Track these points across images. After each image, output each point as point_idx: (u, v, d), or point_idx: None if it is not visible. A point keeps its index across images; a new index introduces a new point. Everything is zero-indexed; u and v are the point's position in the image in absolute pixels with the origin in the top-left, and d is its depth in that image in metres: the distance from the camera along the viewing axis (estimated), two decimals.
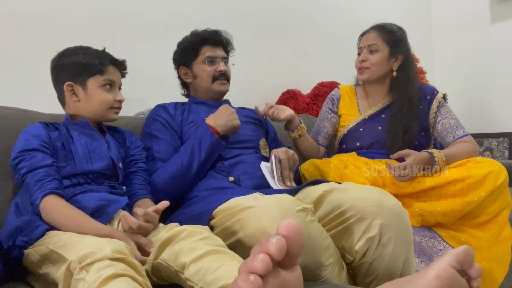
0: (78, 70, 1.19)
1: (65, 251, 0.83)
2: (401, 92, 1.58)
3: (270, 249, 0.42)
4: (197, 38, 1.49)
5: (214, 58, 1.47)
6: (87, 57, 1.20)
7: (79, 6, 1.77)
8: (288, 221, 0.43)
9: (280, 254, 0.42)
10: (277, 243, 0.42)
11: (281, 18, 2.43)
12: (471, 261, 0.52)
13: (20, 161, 1.06)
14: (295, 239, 0.43)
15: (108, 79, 1.21)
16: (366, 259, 1.02)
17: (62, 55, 1.22)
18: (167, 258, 0.88)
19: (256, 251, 0.43)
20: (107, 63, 1.22)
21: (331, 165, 1.45)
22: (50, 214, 0.98)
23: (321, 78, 2.41)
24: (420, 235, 1.35)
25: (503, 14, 2.67)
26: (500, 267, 1.35)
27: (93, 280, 0.71)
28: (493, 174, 1.33)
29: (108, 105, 1.22)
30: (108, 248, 0.76)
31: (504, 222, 1.38)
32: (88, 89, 1.20)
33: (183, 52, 1.52)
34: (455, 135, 1.53)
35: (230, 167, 1.33)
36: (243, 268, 0.43)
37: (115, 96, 1.23)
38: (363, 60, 1.60)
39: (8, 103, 1.36)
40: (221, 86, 1.49)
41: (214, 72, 1.47)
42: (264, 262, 0.42)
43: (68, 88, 1.20)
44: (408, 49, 1.63)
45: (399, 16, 2.81)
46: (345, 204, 1.04)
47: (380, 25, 1.64)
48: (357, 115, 1.67)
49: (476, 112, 2.78)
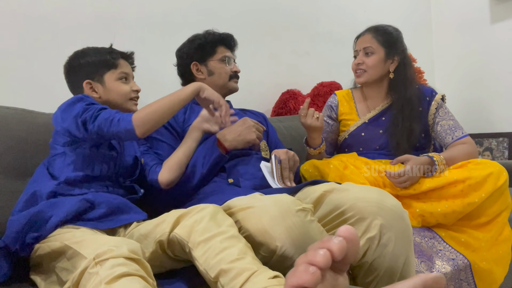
0: (94, 68, 1.25)
1: (81, 247, 0.84)
2: (400, 94, 1.57)
3: (332, 247, 0.42)
4: (214, 37, 1.53)
5: (230, 58, 1.53)
6: (99, 54, 1.26)
7: (79, 6, 1.77)
8: (347, 227, 0.44)
9: (341, 253, 0.42)
10: (339, 242, 0.43)
11: (281, 18, 2.43)
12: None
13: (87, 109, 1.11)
14: (353, 244, 0.44)
15: (123, 72, 1.27)
16: (366, 259, 1.02)
17: (74, 57, 1.27)
18: (181, 233, 0.90)
19: (316, 247, 0.43)
20: (118, 57, 1.28)
21: (331, 166, 1.45)
22: (145, 111, 1.09)
23: (321, 78, 2.41)
24: (420, 236, 1.35)
25: (503, 14, 2.67)
26: (500, 267, 1.35)
27: (106, 275, 0.72)
28: (493, 175, 1.33)
29: (127, 96, 1.27)
30: (125, 248, 0.77)
31: (504, 222, 1.38)
32: (106, 84, 1.25)
33: (199, 48, 1.52)
34: (453, 137, 1.53)
35: (230, 169, 1.33)
36: (302, 259, 0.43)
37: (132, 87, 1.29)
38: (359, 63, 1.60)
39: (8, 103, 1.36)
40: (236, 84, 1.56)
41: (231, 71, 1.52)
42: (326, 256, 0.42)
43: (87, 86, 1.24)
44: (405, 49, 1.62)
45: (399, 16, 2.82)
46: (345, 204, 1.04)
47: (375, 26, 1.63)
48: (357, 119, 1.66)
49: (476, 112, 2.78)
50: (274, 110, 2.31)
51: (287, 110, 2.24)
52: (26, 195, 1.07)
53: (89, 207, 1.02)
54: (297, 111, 2.22)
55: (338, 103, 1.71)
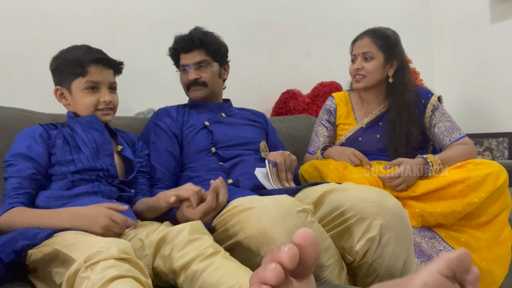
0: (63, 74, 1.19)
1: (72, 250, 0.83)
2: (398, 99, 1.56)
3: (282, 258, 0.40)
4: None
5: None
6: (70, 59, 1.18)
7: (79, 6, 1.77)
8: (304, 230, 0.41)
9: (292, 263, 0.40)
10: (289, 251, 0.39)
11: (281, 18, 2.43)
12: (466, 267, 0.47)
13: (9, 165, 1.10)
14: (309, 248, 0.41)
15: (90, 81, 1.18)
16: (366, 259, 1.02)
17: (54, 58, 1.22)
18: (161, 264, 0.90)
19: (267, 260, 0.41)
20: (89, 64, 1.18)
21: (330, 166, 1.44)
22: (8, 220, 1.01)
23: (321, 78, 2.41)
24: (420, 236, 1.35)
25: (503, 14, 2.67)
26: (500, 267, 1.35)
27: (97, 279, 0.71)
28: (493, 175, 1.33)
29: (92, 108, 1.20)
30: (115, 248, 0.76)
31: (504, 222, 1.38)
32: (73, 92, 1.20)
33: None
34: (451, 138, 1.53)
35: (229, 169, 1.33)
36: (254, 278, 0.41)
37: (100, 97, 1.20)
38: (358, 68, 1.57)
39: (8, 103, 1.36)
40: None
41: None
42: (276, 272, 0.39)
43: (58, 92, 1.21)
44: (403, 53, 1.61)
45: (399, 16, 2.82)
46: (345, 204, 1.04)
47: (373, 30, 1.60)
48: (354, 123, 1.65)
49: (476, 112, 2.78)
50: (274, 110, 2.31)
51: (287, 110, 2.25)
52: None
53: None
54: (297, 111, 2.23)
55: (336, 106, 1.70)
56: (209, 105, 1.50)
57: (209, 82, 1.45)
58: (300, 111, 2.23)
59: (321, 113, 1.74)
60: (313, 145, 1.71)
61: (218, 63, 1.48)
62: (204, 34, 1.44)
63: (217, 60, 1.47)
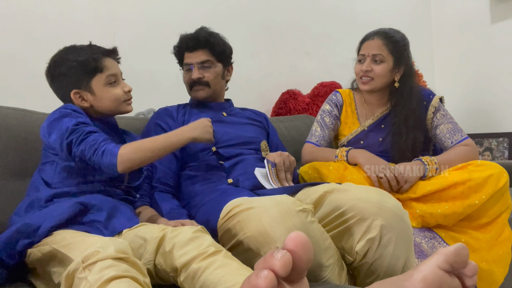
0: (77, 75, 1.14)
1: (69, 250, 0.83)
2: (405, 104, 1.53)
3: (274, 265, 0.38)
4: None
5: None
6: (80, 58, 1.14)
7: (79, 6, 1.77)
8: (296, 234, 0.40)
9: (285, 270, 0.38)
10: (282, 259, 0.38)
11: (281, 18, 2.43)
12: (464, 261, 0.48)
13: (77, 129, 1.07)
14: (303, 253, 0.39)
15: (110, 75, 1.17)
16: (367, 260, 1.02)
17: (54, 65, 1.17)
18: (162, 262, 0.89)
19: (260, 266, 0.40)
20: (102, 57, 1.16)
21: (330, 167, 1.44)
22: (134, 149, 1.06)
23: (321, 78, 2.41)
24: (420, 236, 1.35)
25: (503, 14, 2.67)
26: (500, 268, 1.35)
27: (95, 280, 0.71)
28: (494, 177, 1.33)
29: (120, 100, 1.19)
30: (112, 248, 0.76)
31: (504, 223, 1.38)
32: (95, 91, 1.16)
33: None
34: (453, 140, 1.52)
35: (229, 168, 1.33)
36: (247, 285, 0.40)
37: (123, 88, 1.20)
38: (368, 70, 1.53)
39: (8, 103, 1.36)
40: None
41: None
42: (268, 279, 0.38)
43: (76, 96, 1.15)
44: (410, 57, 1.58)
45: (399, 16, 2.82)
46: (346, 204, 1.04)
47: (385, 32, 1.55)
48: (357, 124, 1.63)
49: (476, 112, 2.78)
50: (274, 110, 2.31)
51: (287, 110, 2.25)
52: (24, 204, 1.07)
53: (83, 210, 1.00)
54: (297, 111, 2.23)
55: (343, 103, 1.66)
56: (210, 105, 1.50)
57: (212, 83, 1.45)
58: (300, 111, 2.23)
59: (326, 105, 1.67)
60: (317, 136, 1.63)
61: (222, 64, 1.48)
62: (210, 34, 1.45)
63: (221, 61, 1.47)
